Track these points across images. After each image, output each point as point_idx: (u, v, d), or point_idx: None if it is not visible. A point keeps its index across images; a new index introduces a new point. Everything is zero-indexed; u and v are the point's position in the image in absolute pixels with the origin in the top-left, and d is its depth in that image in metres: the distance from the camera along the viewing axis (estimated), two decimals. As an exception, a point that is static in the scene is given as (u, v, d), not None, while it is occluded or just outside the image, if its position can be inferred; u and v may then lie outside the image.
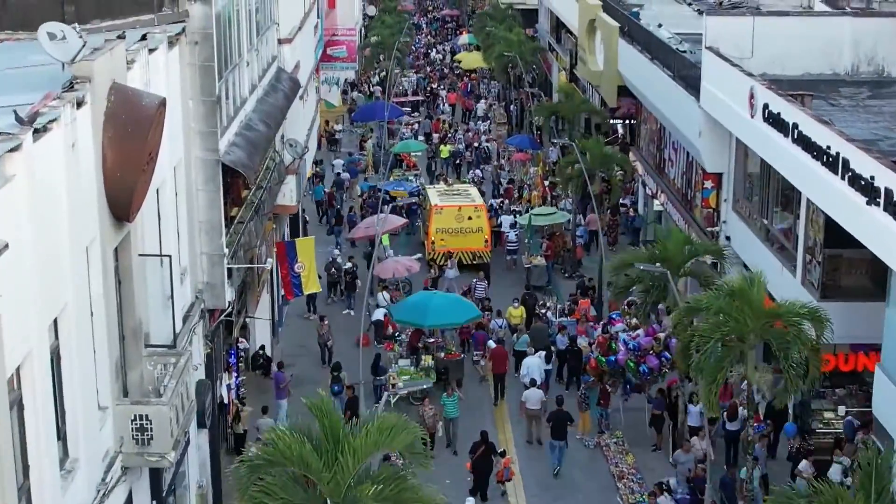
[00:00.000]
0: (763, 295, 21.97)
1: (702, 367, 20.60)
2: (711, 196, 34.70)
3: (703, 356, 20.45)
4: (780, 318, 21.35)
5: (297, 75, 35.61)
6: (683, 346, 22.03)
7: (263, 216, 29.68)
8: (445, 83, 78.29)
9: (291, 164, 34.33)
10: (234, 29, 26.86)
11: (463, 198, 44.75)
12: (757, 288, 21.62)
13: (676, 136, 38.56)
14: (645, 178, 43.78)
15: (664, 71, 39.12)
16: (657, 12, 52.68)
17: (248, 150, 25.70)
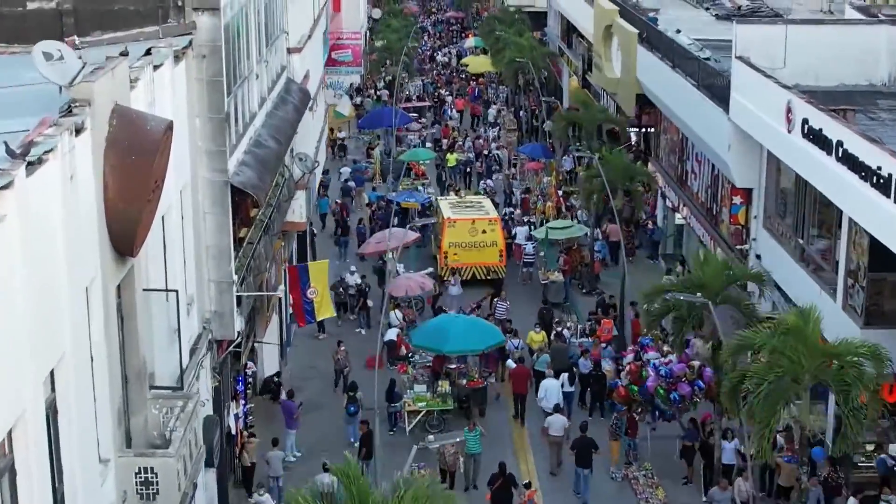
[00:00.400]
0: (818, 332, 20.43)
1: (754, 410, 19.07)
2: (740, 212, 33.18)
3: (756, 399, 18.91)
4: (838, 357, 19.79)
5: (306, 85, 34.07)
6: (732, 385, 20.46)
7: (273, 236, 28.14)
8: (452, 88, 76.67)
9: (301, 179, 32.81)
10: (244, 40, 25.35)
11: (476, 210, 43.21)
12: (812, 325, 20.08)
13: (701, 148, 37.04)
14: (665, 189, 42.23)
15: (688, 80, 37.59)
16: (674, 17, 51.13)
17: (258, 169, 24.17)
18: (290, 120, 29.18)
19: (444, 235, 41.87)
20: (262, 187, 23.49)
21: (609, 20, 47.10)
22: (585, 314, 38.38)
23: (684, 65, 38.94)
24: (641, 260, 43.84)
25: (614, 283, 42.28)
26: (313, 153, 36.35)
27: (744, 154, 31.92)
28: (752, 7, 51.87)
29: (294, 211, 32.97)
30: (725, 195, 34.92)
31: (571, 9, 60.50)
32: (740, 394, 20.34)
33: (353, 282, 38.25)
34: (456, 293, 39.35)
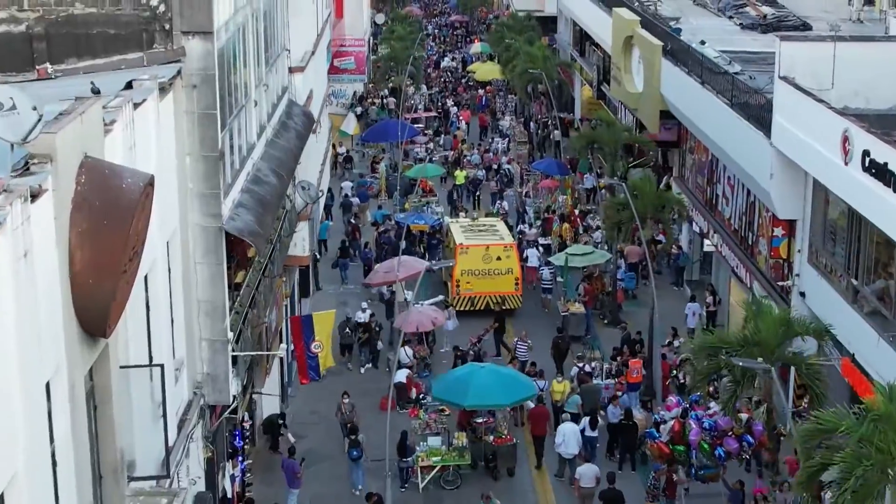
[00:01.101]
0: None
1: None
2: (782, 245, 30.50)
3: (841, 494, 16.26)
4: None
5: (309, 106, 31.39)
6: (809, 475, 17.78)
7: (274, 278, 25.46)
8: (459, 98, 73.75)
9: (304, 210, 30.15)
10: (241, 64, 22.67)
11: (490, 235, 40.52)
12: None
13: (735, 172, 34.33)
14: (692, 213, 39.51)
15: (719, 98, 34.88)
16: (696, 26, 48.47)
17: (257, 211, 21.48)
18: (293, 149, 26.49)
19: (456, 263, 39.18)
20: (260, 234, 20.80)
21: (629, 31, 44.40)
22: (608, 349, 35.73)
23: (714, 80, 36.25)
24: (665, 286, 41.15)
25: (637, 312, 39.68)
26: (317, 179, 33.63)
27: (787, 182, 29.23)
28: (777, 16, 49.19)
29: (296, 244, 30.38)
30: (763, 224, 32.24)
31: (586, 17, 57.74)
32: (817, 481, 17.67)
33: (363, 318, 35.40)
34: (452, 328, 36.48)
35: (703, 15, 51.72)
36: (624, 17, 45.27)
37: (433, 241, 44.34)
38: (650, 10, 49.81)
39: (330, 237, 44.65)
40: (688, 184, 40.90)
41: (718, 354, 22.25)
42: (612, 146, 41.48)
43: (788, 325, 22.51)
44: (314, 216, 30.92)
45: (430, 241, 44.44)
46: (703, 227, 38.34)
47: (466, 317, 39.09)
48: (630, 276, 39.61)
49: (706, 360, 22.56)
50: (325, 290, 42.49)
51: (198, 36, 19.23)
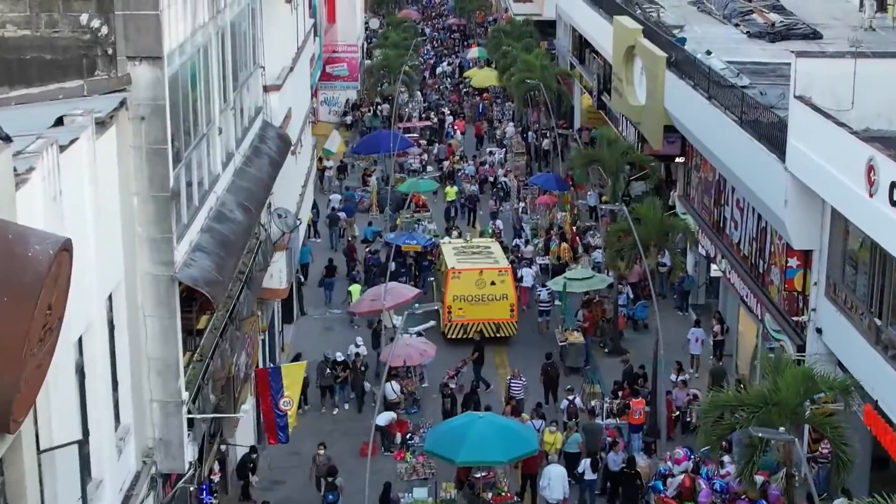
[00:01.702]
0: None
1: None
2: (797, 277, 28.26)
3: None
4: None
5: (288, 127, 29.14)
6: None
7: (242, 321, 23.21)
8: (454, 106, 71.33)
9: (280, 240, 27.92)
10: (201, 89, 20.42)
11: (484, 258, 38.27)
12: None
13: (745, 195, 32.08)
14: (698, 235, 37.26)
15: (727, 114, 32.63)
16: (700, 35, 46.24)
17: (218, 255, 19.22)
18: (265, 178, 24.23)
19: (448, 288, 36.97)
20: (219, 282, 18.53)
21: (631, 40, 42.13)
22: (609, 382, 33.55)
23: (721, 95, 33.99)
24: (670, 310, 38.95)
25: (640, 340, 37.47)
26: (297, 203, 31.36)
27: (803, 210, 26.98)
28: (786, 24, 46.92)
29: (272, 275, 28.12)
30: (776, 252, 30.00)
31: (586, 24, 55.44)
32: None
33: (342, 357, 32.98)
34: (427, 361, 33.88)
35: (708, 22, 49.45)
36: (625, 26, 43.01)
37: (424, 262, 42.11)
38: (653, 18, 47.57)
39: (314, 260, 42.32)
40: (693, 203, 38.65)
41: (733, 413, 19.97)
42: (612, 165, 39.11)
43: (811, 383, 20.26)
44: (293, 245, 28.67)
45: (422, 262, 42.21)
46: (709, 250, 36.10)
47: (460, 345, 36.95)
48: (642, 305, 37.04)
49: (719, 420, 20.23)
50: (311, 314, 40.31)
51: (146, 62, 17.00)
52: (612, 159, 39.06)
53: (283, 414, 22.35)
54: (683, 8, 53.09)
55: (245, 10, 25.11)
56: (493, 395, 33.31)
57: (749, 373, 34.03)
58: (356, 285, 40.27)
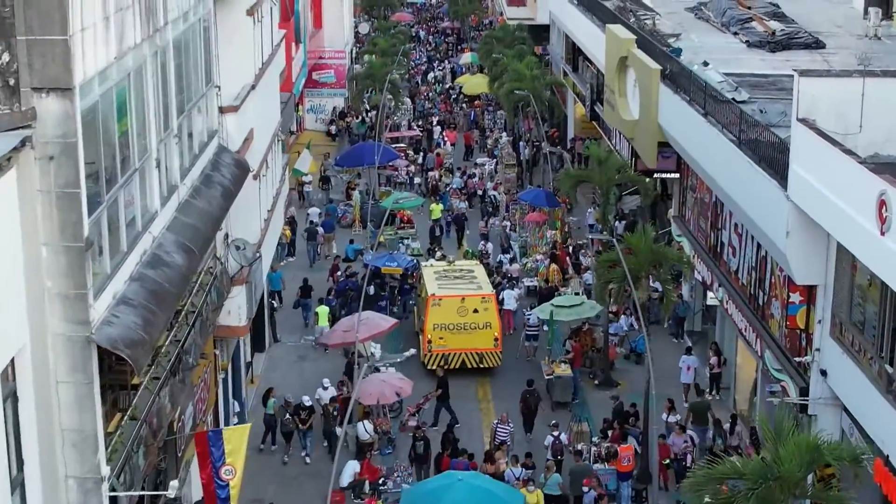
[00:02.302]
0: None
1: None
2: (799, 314, 26.06)
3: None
4: None
5: (248, 150, 26.92)
6: None
7: (188, 370, 21.00)
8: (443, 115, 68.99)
9: (238, 274, 25.72)
10: (133, 118, 18.20)
11: (467, 283, 36.05)
12: None
13: (743, 222, 29.88)
14: (693, 260, 35.08)
15: (724, 133, 30.43)
16: (697, 44, 44.08)
17: (147, 308, 16.99)
18: (215, 210, 22.00)
19: (428, 316, 34.79)
20: (143, 342, 16.29)
21: (624, 51, 39.93)
22: (599, 418, 31.38)
23: (719, 111, 31.78)
24: (664, 338, 36.79)
25: (632, 371, 35.33)
26: (260, 231, 29.13)
27: (807, 243, 24.75)
28: (787, 33, 44.73)
29: (230, 312, 25.91)
30: (777, 284, 27.80)
31: (579, 32, 53.26)
32: None
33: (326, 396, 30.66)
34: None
35: (706, 31, 47.26)
36: (618, 36, 40.80)
37: (405, 285, 39.90)
38: (647, 26, 45.37)
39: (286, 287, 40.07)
40: (688, 225, 36.44)
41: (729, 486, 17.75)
42: (603, 185, 36.83)
43: (817, 453, 18.05)
44: (254, 278, 26.48)
45: (403, 285, 39.99)
46: (706, 276, 33.89)
47: (439, 376, 34.81)
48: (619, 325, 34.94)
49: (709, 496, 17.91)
50: (285, 341, 38.11)
51: (53, 93, 14.80)
52: (602, 179, 36.75)
53: (224, 484, 20.13)
54: (680, 15, 50.92)
55: (195, 26, 22.91)
56: (476, 438, 31.16)
57: (748, 409, 31.91)
58: (324, 307, 38.20)
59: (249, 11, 26.67)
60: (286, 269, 44.64)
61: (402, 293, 39.83)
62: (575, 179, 38.94)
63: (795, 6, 51.56)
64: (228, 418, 28.60)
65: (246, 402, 31.84)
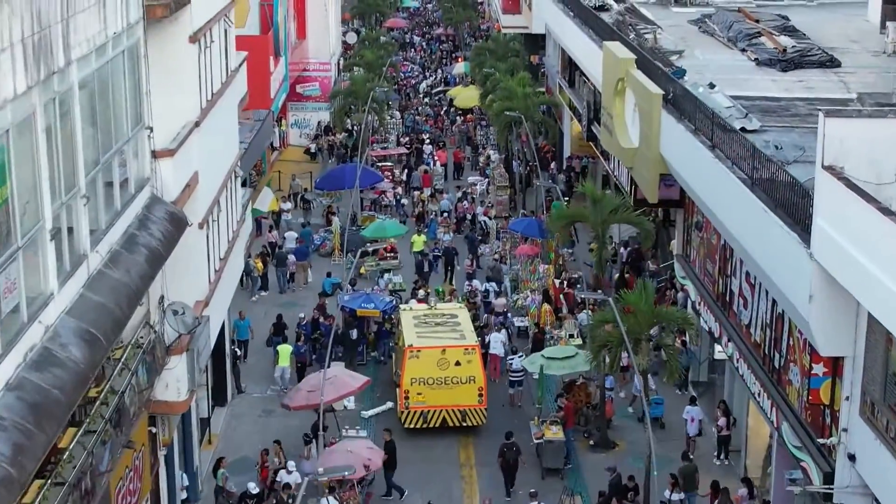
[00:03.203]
0: None
1: None
2: (823, 387, 22.67)
3: None
4: None
5: (191, 196, 23.50)
6: None
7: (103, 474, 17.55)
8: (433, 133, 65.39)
9: (176, 343, 22.30)
10: (15, 184, 14.77)
11: (449, 331, 32.60)
12: None
13: (757, 274, 26.47)
14: (699, 306, 31.69)
15: (735, 172, 27.01)
16: (702, 62, 40.66)
17: (20, 431, 13.50)
18: (136, 281, 18.56)
19: (405, 369, 31.39)
20: (9, 481, 12.87)
21: (622, 72, 36.47)
22: (593, 490, 28.03)
23: (728, 144, 28.38)
24: (668, 390, 33.35)
25: (633, 429, 31.94)
26: (209, 287, 25.65)
27: (833, 309, 21.35)
28: (799, 49, 41.28)
29: (168, 385, 22.49)
30: (796, 347, 24.40)
31: (575, 47, 49.82)
32: None
33: (291, 481, 27.09)
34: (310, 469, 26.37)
35: (711, 47, 43.82)
36: (616, 55, 37.33)
37: (383, 328, 36.46)
38: (648, 42, 41.93)
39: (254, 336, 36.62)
40: (694, 267, 33.00)
41: None
42: (598, 226, 33.31)
43: None
44: (196, 344, 23.04)
45: (381, 327, 36.55)
46: (713, 327, 30.46)
47: (419, 437, 31.47)
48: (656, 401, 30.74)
49: None
50: (250, 392, 34.71)
51: None
52: (597, 219, 33.23)
53: None
54: (683, 28, 47.47)
55: (117, 61, 19.51)
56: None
57: (761, 479, 28.55)
58: (286, 346, 34.97)
59: (193, 38, 23.23)
60: (258, 304, 41.42)
61: (381, 336, 36.41)
62: (567, 219, 35.36)
63: (805, 17, 48.21)
64: (175, 498, 25.18)
65: (199, 470, 28.42)
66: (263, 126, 52.38)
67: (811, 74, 39.23)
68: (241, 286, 41.11)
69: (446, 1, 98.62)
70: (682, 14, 50.82)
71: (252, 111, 53.42)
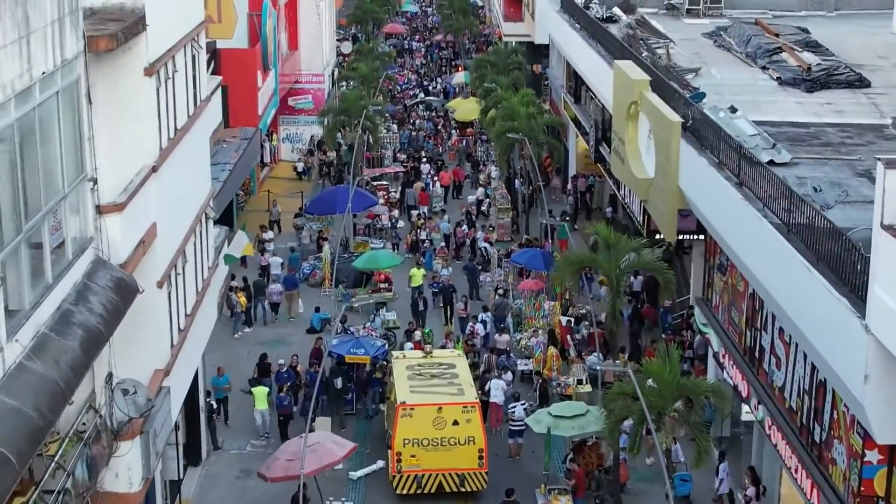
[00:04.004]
0: None
1: None
2: (878, 477, 19.64)
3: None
4: None
5: (149, 251, 20.39)
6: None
7: None
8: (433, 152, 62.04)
9: (127, 427, 19.19)
10: None
11: (446, 384, 29.46)
12: None
13: (794, 335, 23.35)
14: (723, 359, 28.60)
15: (768, 216, 23.90)
16: (719, 81, 37.76)
17: None
18: (65, 373, 15.46)
19: (397, 428, 28.30)
20: None
21: (635, 94, 33.35)
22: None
23: (756, 179, 25.29)
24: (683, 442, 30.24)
25: (649, 493, 28.86)
26: (169, 354, 22.49)
27: (893, 392, 18.27)
28: (825, 68, 38.24)
29: (118, 475, 19.38)
30: (842, 422, 21.29)
31: (582, 63, 46.70)
32: None
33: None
34: None
35: (729, 63, 40.81)
36: (629, 76, 34.21)
37: (373, 376, 33.32)
38: (662, 60, 38.87)
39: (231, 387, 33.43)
40: (716, 313, 29.88)
41: None
42: (612, 274, 30.12)
43: None
44: (150, 426, 19.94)
45: (371, 374, 33.42)
46: (739, 385, 27.35)
47: (411, 503, 28.41)
48: (682, 478, 27.20)
49: None
50: (228, 447, 31.61)
51: None
52: (612, 266, 30.02)
53: None
54: (697, 42, 44.45)
55: (48, 106, 16.41)
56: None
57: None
58: (262, 388, 32.00)
59: (149, 70, 20.12)
60: (241, 343, 38.38)
61: (371, 384, 33.30)
62: (577, 266, 32.13)
63: (825, 30, 45.19)
64: None
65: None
66: (250, 145, 49.38)
67: (839, 96, 36.25)
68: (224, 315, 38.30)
69: (446, 8, 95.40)
70: (694, 26, 47.80)
71: (239, 129, 50.53)
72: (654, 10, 51.16)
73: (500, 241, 48.07)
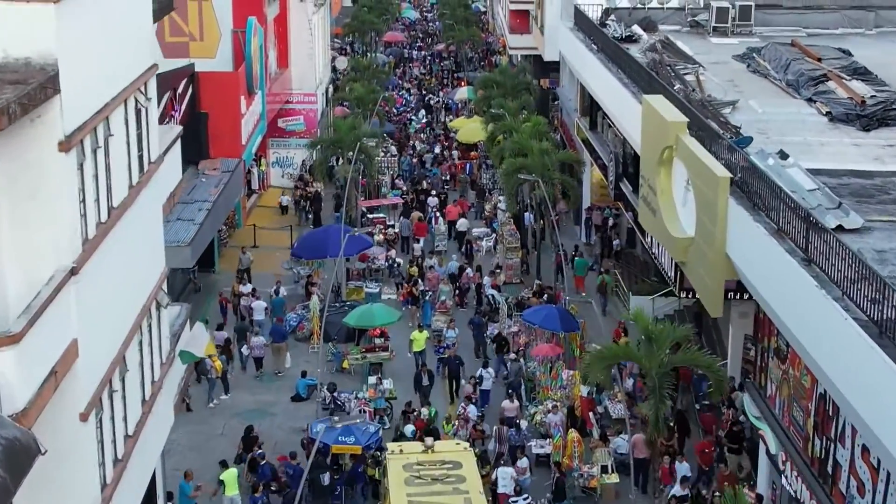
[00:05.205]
0: None
1: None
2: None
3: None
4: None
5: (70, 374, 15.70)
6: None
7: None
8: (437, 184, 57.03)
9: None
10: None
11: (451, 491, 24.58)
12: None
13: (882, 457, 18.67)
14: (783, 465, 23.90)
15: (850, 309, 19.24)
16: (760, 116, 33.14)
17: None
18: None
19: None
20: None
21: (671, 139, 28.58)
22: None
23: (825, 255, 20.67)
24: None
25: None
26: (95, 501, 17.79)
27: None
28: (881, 101, 33.54)
29: None
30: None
31: (599, 89, 41.93)
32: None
33: None
34: None
35: (768, 93, 36.11)
36: (662, 116, 29.42)
37: (360, 471, 28.56)
38: (695, 92, 34.16)
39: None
40: (772, 406, 25.14)
41: None
42: (653, 371, 25.27)
43: None
44: None
45: (357, 468, 28.64)
46: (804, 497, 22.64)
47: None
48: None
49: None
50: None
51: None
52: (653, 362, 25.13)
53: None
54: (729, 67, 39.74)
55: None
56: None
57: None
58: (232, 471, 27.55)
59: (65, 144, 15.46)
60: (216, 415, 33.82)
61: (357, 480, 28.59)
62: (610, 361, 27.35)
63: (868, 52, 40.53)
64: None
65: None
66: (232, 178, 44.76)
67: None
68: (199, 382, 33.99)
69: (448, 17, 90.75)
70: (723, 47, 43.12)
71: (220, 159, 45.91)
72: (677, 28, 46.59)
73: (509, 283, 43.44)
